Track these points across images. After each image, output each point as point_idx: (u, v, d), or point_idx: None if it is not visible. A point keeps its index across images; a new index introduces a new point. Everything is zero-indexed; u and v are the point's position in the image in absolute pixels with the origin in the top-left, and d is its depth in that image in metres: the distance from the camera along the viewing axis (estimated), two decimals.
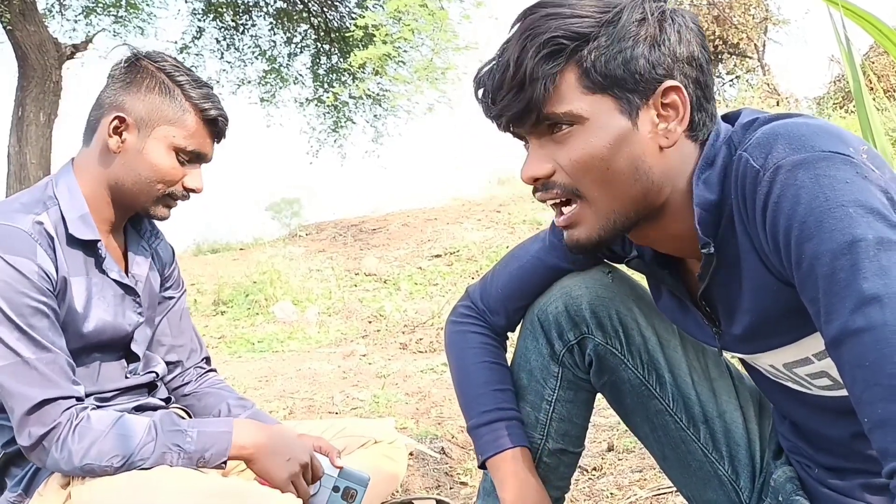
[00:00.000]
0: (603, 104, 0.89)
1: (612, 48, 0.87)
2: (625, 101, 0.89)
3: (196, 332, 1.63)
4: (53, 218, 1.28)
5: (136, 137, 1.32)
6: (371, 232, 8.05)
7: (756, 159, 0.84)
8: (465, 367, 1.27)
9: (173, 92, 1.33)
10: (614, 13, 0.88)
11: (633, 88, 0.88)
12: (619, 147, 0.89)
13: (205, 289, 6.55)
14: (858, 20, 1.66)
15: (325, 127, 10.83)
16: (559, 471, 1.26)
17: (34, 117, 7.27)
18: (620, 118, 0.89)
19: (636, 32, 0.88)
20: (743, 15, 16.35)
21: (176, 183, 1.35)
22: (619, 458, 2.30)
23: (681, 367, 1.21)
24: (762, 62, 17.02)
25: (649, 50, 0.88)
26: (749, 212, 0.86)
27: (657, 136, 0.90)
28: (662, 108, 0.90)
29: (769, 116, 0.91)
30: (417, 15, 7.71)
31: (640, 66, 0.88)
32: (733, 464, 1.20)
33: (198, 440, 1.26)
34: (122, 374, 1.40)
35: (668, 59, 0.89)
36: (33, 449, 1.20)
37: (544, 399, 1.23)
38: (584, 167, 0.90)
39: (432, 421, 2.87)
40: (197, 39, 10.16)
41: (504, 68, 0.89)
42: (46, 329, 1.22)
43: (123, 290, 1.38)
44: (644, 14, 0.89)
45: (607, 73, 0.88)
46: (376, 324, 5.29)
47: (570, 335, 1.19)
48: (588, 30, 0.87)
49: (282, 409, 3.20)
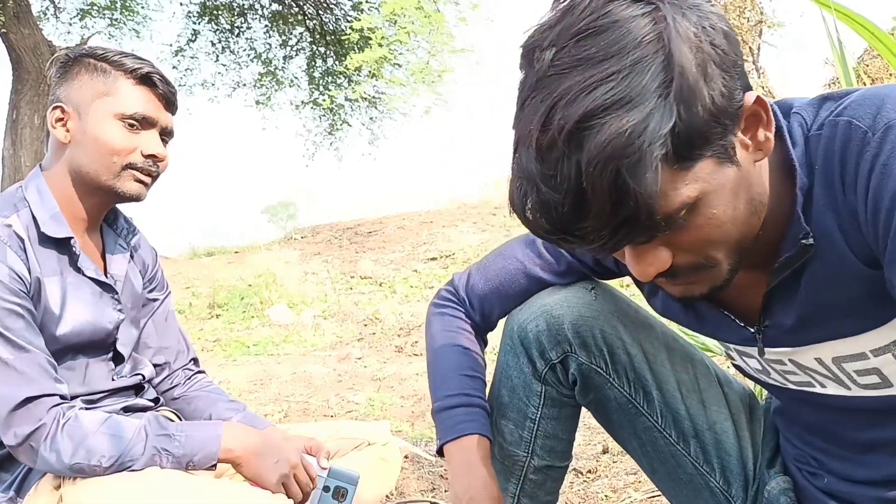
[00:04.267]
0: (705, 169, 0.73)
1: (695, 112, 0.70)
2: (720, 151, 0.74)
3: (183, 334, 1.63)
4: (24, 220, 1.28)
5: (79, 122, 1.33)
6: (367, 235, 8.05)
7: (862, 120, 0.76)
8: (436, 349, 1.23)
9: (102, 68, 1.35)
10: (677, 71, 0.69)
11: (722, 133, 0.73)
12: (736, 197, 0.77)
13: (200, 292, 6.54)
14: (852, 23, 1.66)
15: (321, 130, 10.83)
16: (546, 486, 1.23)
17: (28, 120, 7.26)
18: (725, 170, 0.75)
19: (702, 72, 0.71)
20: (738, 18, 16.39)
21: (131, 151, 1.34)
22: (613, 461, 2.30)
23: (669, 383, 1.18)
24: (757, 65, 17.06)
25: (721, 79, 0.72)
26: (849, 177, 0.77)
27: (754, 153, 0.79)
28: (750, 119, 0.77)
29: (848, 90, 0.82)
30: (413, 18, 7.72)
31: (723, 106, 0.72)
32: (724, 474, 1.18)
33: (186, 443, 1.25)
34: (109, 376, 1.39)
35: (735, 72, 0.74)
36: (20, 448, 1.19)
37: (528, 417, 1.19)
38: (709, 241, 0.78)
39: (427, 424, 2.87)
40: (192, 42, 10.15)
41: (576, 209, 0.71)
42: (23, 330, 1.21)
43: (101, 288, 1.37)
44: (695, 43, 0.71)
45: (698, 139, 0.71)
46: (372, 327, 5.28)
47: (551, 354, 1.15)
48: (672, 118, 0.69)
49: (277, 412, 3.20)
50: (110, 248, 1.44)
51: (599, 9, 0.72)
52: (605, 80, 0.69)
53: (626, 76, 0.69)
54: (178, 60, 10.18)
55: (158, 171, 1.39)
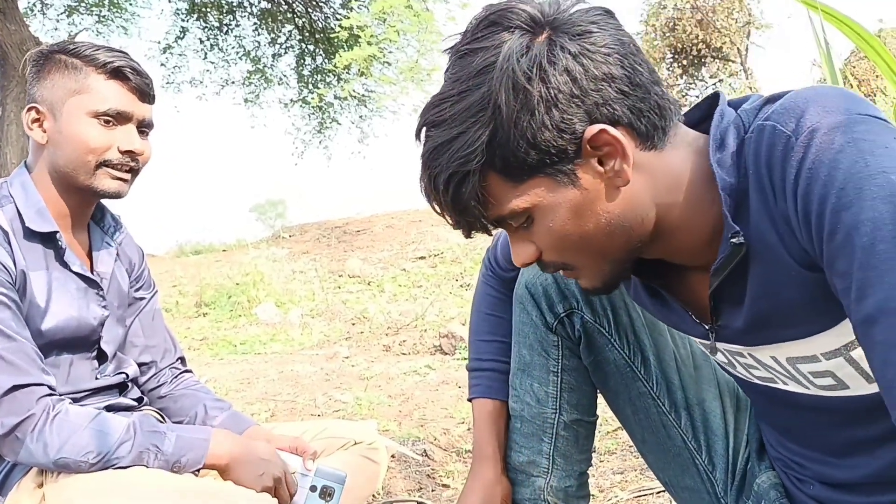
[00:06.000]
0: (538, 187, 0.84)
1: (512, 141, 0.80)
2: (556, 174, 0.83)
3: (170, 333, 1.62)
4: (9, 215, 1.28)
5: (54, 122, 1.32)
6: (355, 233, 8.04)
7: (785, 125, 0.77)
8: (471, 314, 1.37)
9: (73, 64, 1.32)
10: (492, 105, 0.80)
11: (555, 160, 0.82)
12: (579, 215, 0.85)
13: (187, 290, 6.51)
14: (839, 24, 1.67)
15: (310, 128, 10.83)
16: (578, 443, 1.25)
17: (15, 117, 7.21)
18: (563, 190, 0.84)
19: (523, 108, 0.80)
20: (726, 19, 16.49)
21: (108, 149, 1.32)
22: (600, 460, 2.31)
23: (666, 351, 1.20)
24: (745, 66, 17.16)
25: (548, 117, 0.80)
26: (777, 183, 0.79)
27: (609, 180, 0.84)
28: (597, 150, 0.82)
29: (784, 91, 0.84)
30: (403, 16, 7.72)
31: (547, 139, 0.80)
32: (710, 454, 1.20)
33: (176, 443, 1.24)
34: (93, 375, 1.38)
35: (573, 107, 0.80)
36: (6, 440, 1.17)
37: (550, 371, 1.22)
38: (558, 246, 0.88)
39: (415, 423, 2.87)
40: (180, 40, 10.12)
41: (432, 200, 0.87)
42: (9, 320, 1.20)
43: (86, 284, 1.36)
44: (519, 82, 0.79)
45: (523, 163, 0.82)
46: (360, 326, 5.27)
47: (559, 307, 1.19)
48: (478, 143, 0.81)
49: (264, 411, 3.19)
50: (97, 245, 1.44)
51: (479, 32, 0.84)
52: (444, 100, 0.84)
53: (454, 102, 0.82)
54: (167, 58, 10.15)
55: (138, 165, 1.37)
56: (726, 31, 16.34)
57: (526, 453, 1.23)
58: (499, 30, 0.82)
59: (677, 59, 17.70)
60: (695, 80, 18.28)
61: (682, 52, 17.27)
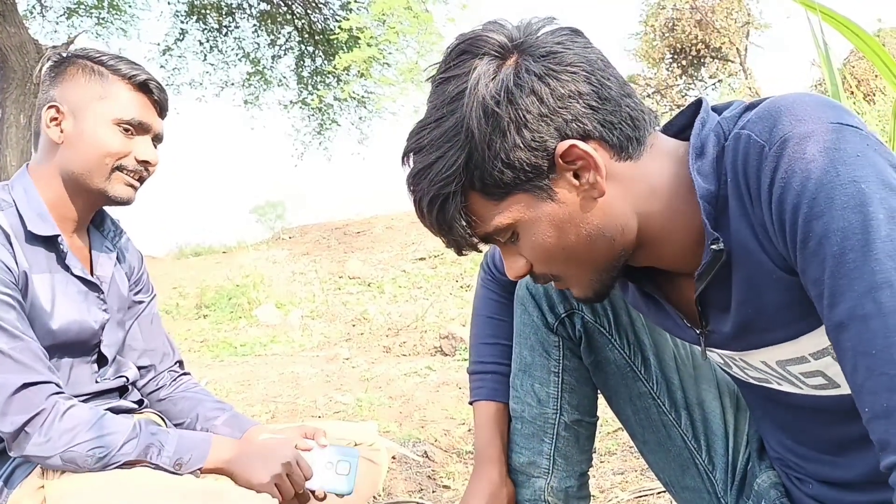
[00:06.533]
0: (518, 203, 0.88)
1: (487, 162, 0.85)
2: (534, 190, 0.86)
3: (168, 336, 1.64)
4: (11, 219, 1.29)
5: (74, 123, 1.34)
6: (355, 235, 8.04)
7: (760, 134, 0.79)
8: (472, 318, 1.38)
9: (99, 71, 1.36)
10: (465, 130, 0.84)
11: (531, 177, 0.85)
12: (560, 228, 0.88)
13: (187, 292, 6.52)
14: (837, 25, 1.68)
15: (310, 129, 10.83)
16: (579, 444, 1.26)
17: (14, 119, 7.21)
18: (542, 205, 0.87)
19: (494, 130, 0.83)
20: (725, 19, 16.49)
21: (125, 156, 1.36)
22: (601, 461, 2.31)
23: (666, 351, 1.21)
24: (744, 66, 17.17)
25: (519, 137, 0.83)
26: (753, 191, 0.81)
27: (586, 193, 0.87)
28: (570, 165, 0.85)
29: (763, 98, 0.85)
30: (402, 17, 7.73)
31: (521, 158, 0.84)
32: (710, 454, 1.21)
33: (178, 442, 1.26)
34: (93, 378, 1.39)
35: (543, 125, 0.83)
36: (15, 437, 1.19)
37: (551, 371, 1.23)
38: (545, 258, 0.91)
39: (415, 424, 2.87)
40: (180, 41, 10.11)
41: (422, 222, 0.92)
42: (15, 320, 1.21)
43: (87, 287, 1.37)
44: (488, 106, 0.83)
45: (500, 182, 0.86)
46: (360, 327, 5.28)
47: (560, 308, 1.20)
48: (455, 166, 0.86)
49: (264, 413, 3.19)
50: (97, 248, 1.45)
51: (452, 60, 0.88)
52: (423, 127, 0.88)
53: (432, 129, 0.87)
54: (166, 60, 10.14)
55: (148, 174, 1.41)
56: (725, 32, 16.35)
57: (526, 454, 1.24)
58: (469, 57, 0.87)
59: (676, 60, 17.72)
60: (694, 80, 18.31)
61: (682, 52, 17.30)
